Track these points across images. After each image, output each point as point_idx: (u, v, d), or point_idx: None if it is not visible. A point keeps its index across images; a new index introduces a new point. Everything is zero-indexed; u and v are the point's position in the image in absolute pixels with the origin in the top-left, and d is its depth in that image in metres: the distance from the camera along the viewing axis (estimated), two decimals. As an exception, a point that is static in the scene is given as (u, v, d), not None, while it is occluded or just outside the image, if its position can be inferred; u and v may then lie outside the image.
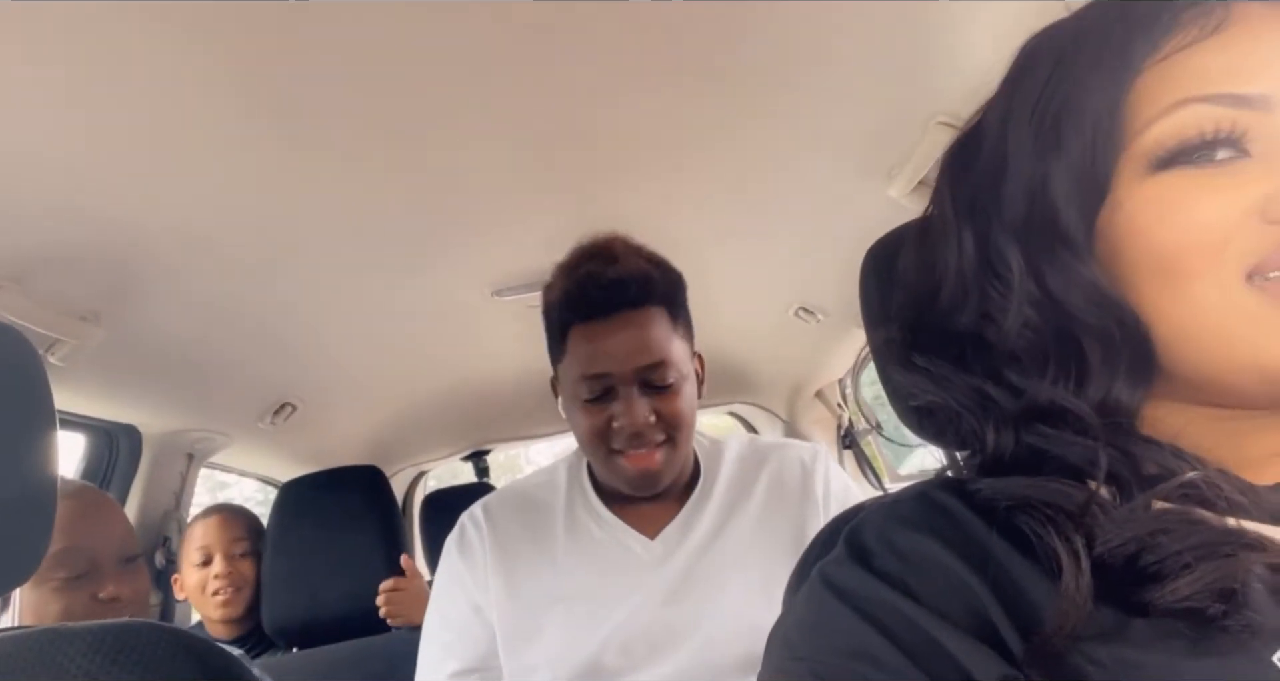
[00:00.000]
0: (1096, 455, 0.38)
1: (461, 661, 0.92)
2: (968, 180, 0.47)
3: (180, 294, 1.23)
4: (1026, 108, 0.43)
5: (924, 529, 0.41)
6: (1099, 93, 0.40)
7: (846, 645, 0.38)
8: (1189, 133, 0.38)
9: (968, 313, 0.45)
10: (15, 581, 0.53)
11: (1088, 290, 0.40)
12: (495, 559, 0.96)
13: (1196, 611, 0.33)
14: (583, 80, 0.95)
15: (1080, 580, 0.35)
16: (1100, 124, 0.40)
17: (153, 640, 0.51)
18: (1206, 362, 0.38)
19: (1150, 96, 0.39)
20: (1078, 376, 0.41)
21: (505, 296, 1.58)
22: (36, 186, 0.89)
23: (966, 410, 0.44)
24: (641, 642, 0.89)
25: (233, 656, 0.54)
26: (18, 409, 0.55)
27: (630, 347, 0.89)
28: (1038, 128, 0.42)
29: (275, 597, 1.46)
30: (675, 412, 0.91)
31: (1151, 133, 0.39)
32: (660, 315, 0.91)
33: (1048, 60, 0.43)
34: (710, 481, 1.00)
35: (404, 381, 2.02)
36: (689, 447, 0.96)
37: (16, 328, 0.57)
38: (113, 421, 1.52)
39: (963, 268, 0.45)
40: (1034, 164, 0.42)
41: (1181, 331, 0.39)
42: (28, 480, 0.54)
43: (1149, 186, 0.39)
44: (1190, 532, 0.35)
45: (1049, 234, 0.42)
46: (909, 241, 0.52)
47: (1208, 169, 0.38)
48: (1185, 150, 0.38)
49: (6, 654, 0.51)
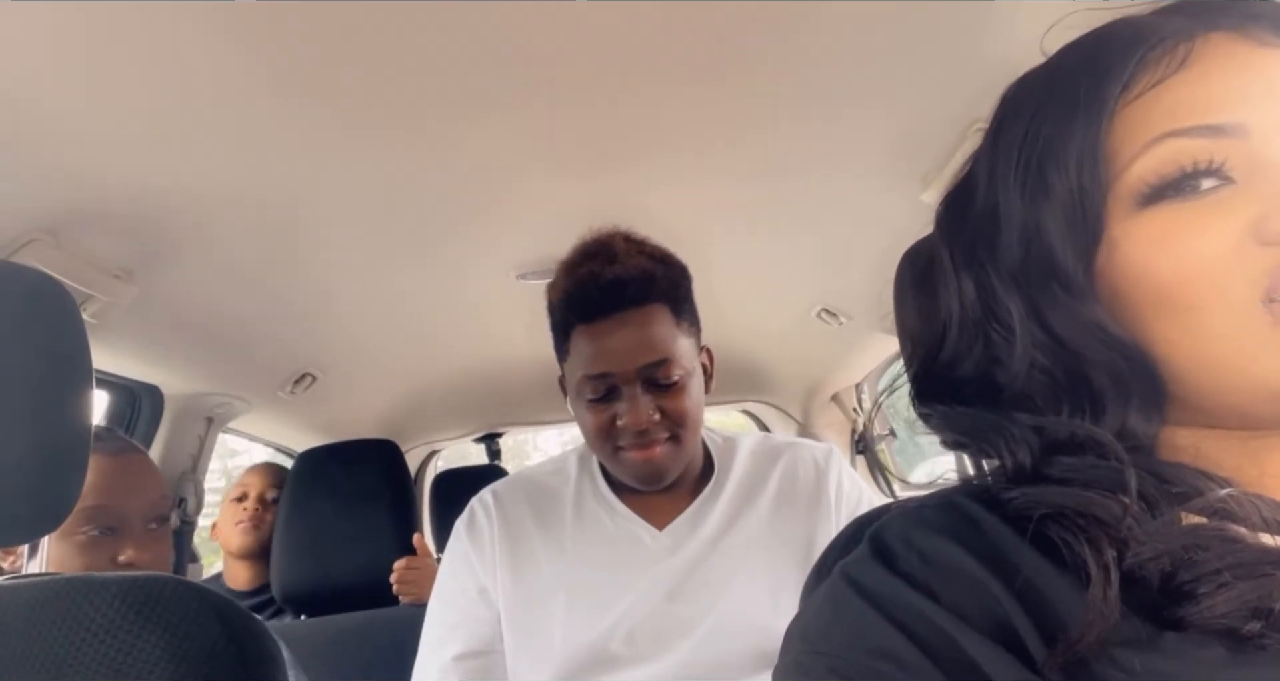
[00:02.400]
0: (1123, 477, 0.38)
1: (464, 644, 0.92)
2: (964, 229, 0.47)
3: (211, 259, 1.24)
4: (1011, 155, 0.44)
5: (949, 534, 0.41)
6: (1078, 136, 0.41)
7: (867, 643, 0.38)
8: (1169, 168, 0.39)
9: (974, 358, 0.46)
10: (46, 528, 0.54)
11: (1092, 329, 0.41)
12: (503, 544, 0.96)
13: (1232, 629, 0.33)
14: (615, 73, 0.95)
15: (1109, 591, 0.35)
16: (1083, 166, 0.41)
17: (178, 596, 0.52)
18: (1222, 389, 0.38)
19: (1128, 135, 0.40)
20: (1092, 412, 0.41)
21: (530, 279, 1.59)
22: (75, 143, 0.90)
23: (986, 445, 0.44)
24: (646, 633, 0.89)
25: (254, 617, 0.55)
26: (56, 357, 0.56)
27: (632, 347, 0.89)
28: (1024, 174, 0.43)
29: (286, 563, 1.47)
30: (679, 410, 0.91)
31: (1134, 170, 0.40)
32: (663, 312, 0.91)
33: (1027, 107, 0.44)
34: (723, 477, 1.00)
35: (423, 359, 2.03)
36: (695, 443, 0.96)
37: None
38: (137, 380, 1.54)
39: (965, 316, 0.46)
40: (1025, 211, 0.43)
41: (1193, 361, 0.39)
42: (63, 428, 0.55)
43: (1140, 223, 0.40)
44: (1228, 550, 0.34)
45: (1047, 277, 0.42)
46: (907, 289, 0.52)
47: (1195, 200, 0.38)
48: (1169, 184, 0.39)
49: (34, 600, 0.52)
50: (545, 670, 0.89)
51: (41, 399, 0.55)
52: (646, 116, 1.07)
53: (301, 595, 1.48)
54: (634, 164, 1.21)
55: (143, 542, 1.04)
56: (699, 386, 0.95)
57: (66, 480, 0.55)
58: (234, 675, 0.51)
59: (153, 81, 0.84)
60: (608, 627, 0.89)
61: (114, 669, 0.49)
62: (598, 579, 0.93)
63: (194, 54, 0.80)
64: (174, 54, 0.80)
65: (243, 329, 1.52)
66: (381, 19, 0.79)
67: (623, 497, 0.99)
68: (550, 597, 0.92)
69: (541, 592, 0.93)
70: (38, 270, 0.58)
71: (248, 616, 0.55)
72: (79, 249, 1.05)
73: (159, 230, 1.12)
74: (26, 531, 0.56)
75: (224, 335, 1.50)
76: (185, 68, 0.82)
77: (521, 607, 0.93)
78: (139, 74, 0.82)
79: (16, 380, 0.53)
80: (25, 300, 0.56)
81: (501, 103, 0.99)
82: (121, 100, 0.86)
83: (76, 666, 0.50)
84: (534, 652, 0.91)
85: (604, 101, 1.01)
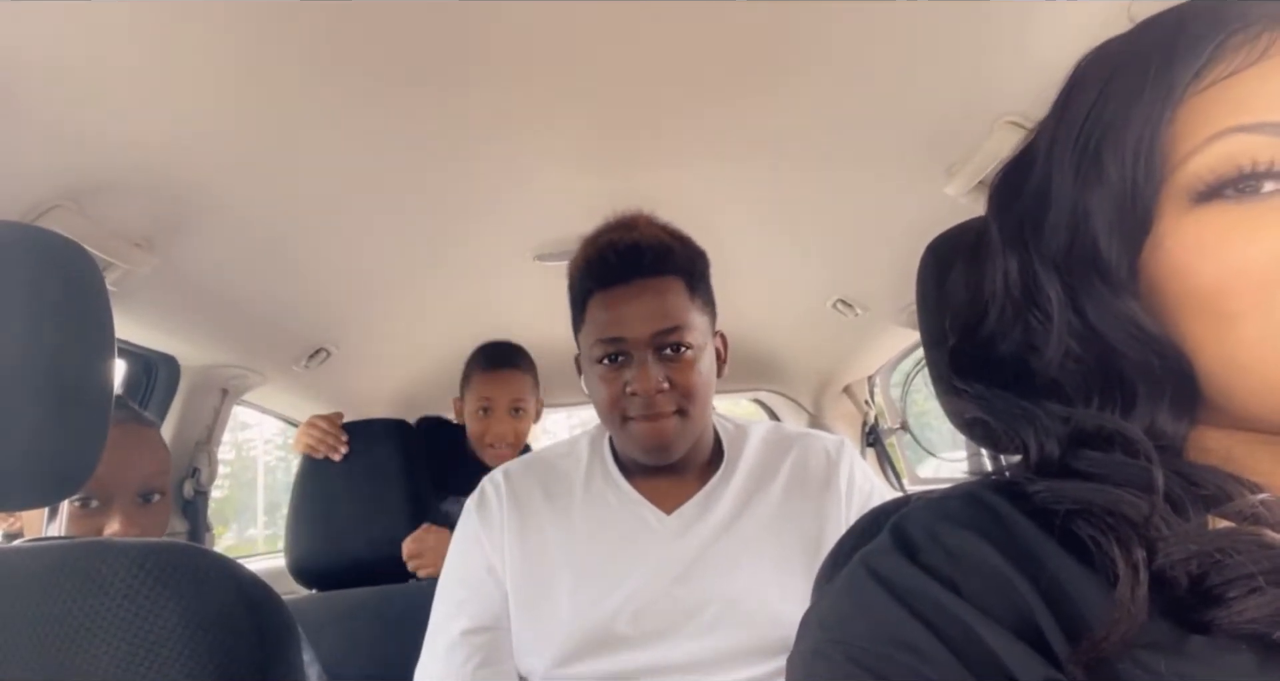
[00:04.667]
0: (1150, 476, 0.37)
1: (473, 619, 0.93)
2: (1015, 207, 0.46)
3: (231, 231, 1.25)
4: (1071, 134, 0.42)
5: (972, 527, 0.41)
6: (1139, 122, 0.39)
7: (887, 632, 0.38)
8: (1227, 166, 0.37)
9: (1012, 339, 0.45)
10: (67, 491, 0.55)
11: (1127, 325, 0.39)
12: (512, 523, 0.97)
13: (1262, 635, 0.33)
14: (640, 68, 0.95)
15: (1137, 591, 0.34)
16: (1140, 155, 0.39)
17: (196, 563, 0.52)
18: (1254, 396, 0.37)
19: (1191, 127, 0.38)
20: (1122, 407, 0.40)
21: (548, 261, 1.59)
22: (100, 110, 0.90)
23: (1014, 431, 0.44)
24: (651, 615, 0.90)
25: (270, 588, 0.56)
26: (79, 321, 0.57)
27: (645, 313, 0.90)
28: (1080, 156, 0.41)
29: (298, 537, 1.48)
30: (688, 383, 0.92)
31: (1190, 166, 0.38)
32: (677, 285, 0.93)
33: (1094, 83, 0.42)
34: (733, 464, 1.00)
35: (437, 338, 2.04)
36: (703, 421, 0.96)
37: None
38: (154, 350, 1.55)
39: (1007, 296, 0.45)
40: (1076, 194, 0.41)
41: (1225, 365, 0.38)
42: (85, 392, 0.55)
43: (1189, 223, 0.38)
44: (1263, 555, 0.34)
45: (1089, 267, 0.41)
46: (961, 257, 0.51)
47: (1251, 203, 0.36)
48: (1226, 183, 0.37)
49: (53, 562, 0.53)
50: (550, 648, 0.90)
51: (64, 363, 0.55)
52: (671, 111, 1.07)
53: (314, 570, 1.49)
54: (657, 154, 1.22)
55: (131, 516, 1.03)
56: (710, 364, 0.96)
57: (87, 444, 0.55)
58: (249, 642, 0.51)
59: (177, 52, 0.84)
60: (613, 608, 0.90)
61: (131, 632, 0.50)
62: (604, 560, 0.93)
63: (219, 25, 0.80)
64: (200, 25, 0.80)
65: (260, 302, 1.52)
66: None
67: (632, 481, 0.99)
68: (557, 577, 0.93)
69: (548, 572, 0.94)
70: (62, 236, 0.58)
71: (263, 585, 0.55)
72: (101, 216, 1.05)
73: (180, 201, 1.13)
74: (47, 494, 0.56)
75: (241, 307, 1.51)
76: (210, 39, 0.82)
77: (528, 587, 0.94)
78: (163, 44, 0.82)
79: (40, 343, 0.54)
80: (50, 264, 0.56)
81: (530, 95, 1.00)
82: (145, 69, 0.85)
83: (94, 629, 0.50)
84: (539, 631, 0.92)
85: (629, 96, 1.02)
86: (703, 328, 0.95)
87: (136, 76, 0.86)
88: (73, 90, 0.86)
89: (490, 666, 0.91)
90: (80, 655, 0.50)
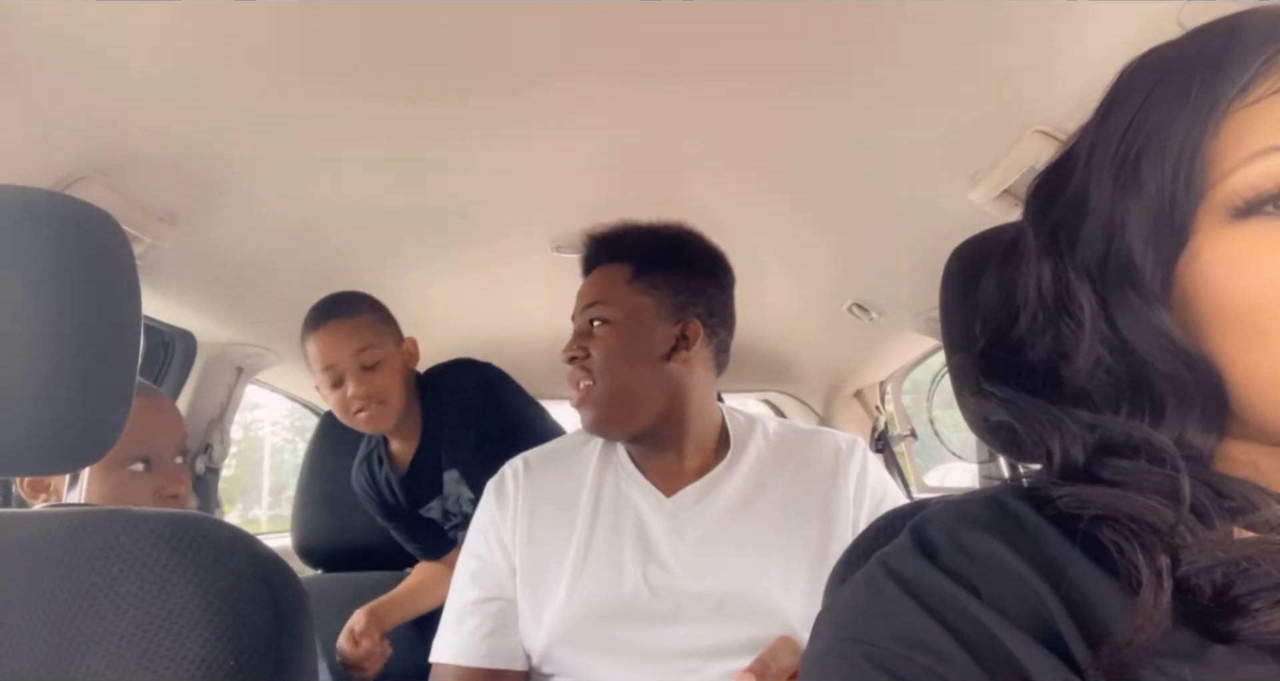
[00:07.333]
0: (1176, 484, 0.37)
1: (484, 590, 0.97)
2: (1051, 214, 0.45)
3: (253, 211, 1.26)
4: (1112, 142, 0.41)
5: (993, 531, 0.40)
6: (1181, 134, 0.38)
7: (905, 633, 0.37)
8: (1268, 184, 0.36)
9: (1042, 346, 0.44)
10: (92, 457, 0.55)
11: (1159, 337, 0.39)
12: (525, 509, 1.00)
13: None
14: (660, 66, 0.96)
15: (1160, 599, 0.34)
16: (1180, 168, 0.38)
17: (214, 535, 0.53)
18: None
19: (1234, 142, 0.37)
20: (1151, 418, 0.40)
21: (565, 253, 1.59)
22: (131, 88, 0.91)
23: (1039, 436, 0.43)
24: (647, 599, 0.91)
25: (286, 564, 0.56)
26: (107, 289, 0.57)
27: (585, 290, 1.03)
28: (1120, 165, 0.41)
29: (306, 518, 1.49)
30: (600, 352, 0.98)
31: (1231, 182, 0.37)
32: (623, 270, 1.01)
33: (1139, 91, 0.41)
34: (739, 453, 1.01)
35: (453, 325, 2.04)
36: (616, 393, 0.98)
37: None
38: (172, 325, 1.57)
39: (1039, 302, 0.44)
40: (1113, 203, 0.41)
41: (1257, 382, 0.37)
42: (111, 359, 0.56)
43: (1227, 238, 0.38)
44: None
45: (1123, 278, 0.40)
46: (995, 258, 0.51)
47: None
48: (1267, 199, 0.36)
49: (74, 529, 0.53)
50: (549, 629, 0.92)
51: (91, 329, 0.55)
52: (690, 110, 1.07)
53: (319, 550, 1.50)
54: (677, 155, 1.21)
55: (179, 475, 1.07)
56: (634, 342, 0.99)
57: (112, 411, 0.56)
58: (264, 615, 0.52)
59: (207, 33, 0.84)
60: (610, 590, 0.92)
61: (148, 601, 0.50)
62: (602, 544, 0.96)
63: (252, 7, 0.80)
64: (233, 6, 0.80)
65: (278, 281, 1.53)
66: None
67: (640, 465, 1.02)
68: (560, 560, 0.96)
69: (552, 555, 0.96)
70: (93, 206, 0.59)
71: (279, 561, 0.55)
72: (126, 189, 1.06)
73: (205, 178, 1.14)
74: (72, 460, 0.57)
75: (260, 286, 1.52)
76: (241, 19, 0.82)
77: (533, 569, 0.96)
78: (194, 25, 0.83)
79: (68, 309, 0.54)
80: (79, 231, 0.56)
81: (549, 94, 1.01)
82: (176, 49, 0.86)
83: (112, 596, 0.50)
84: (538, 610, 0.94)
85: (650, 93, 1.02)
86: (638, 306, 1.00)
87: (167, 55, 0.87)
88: (100, 64, 0.87)
89: (500, 634, 0.95)
90: (97, 621, 0.50)
